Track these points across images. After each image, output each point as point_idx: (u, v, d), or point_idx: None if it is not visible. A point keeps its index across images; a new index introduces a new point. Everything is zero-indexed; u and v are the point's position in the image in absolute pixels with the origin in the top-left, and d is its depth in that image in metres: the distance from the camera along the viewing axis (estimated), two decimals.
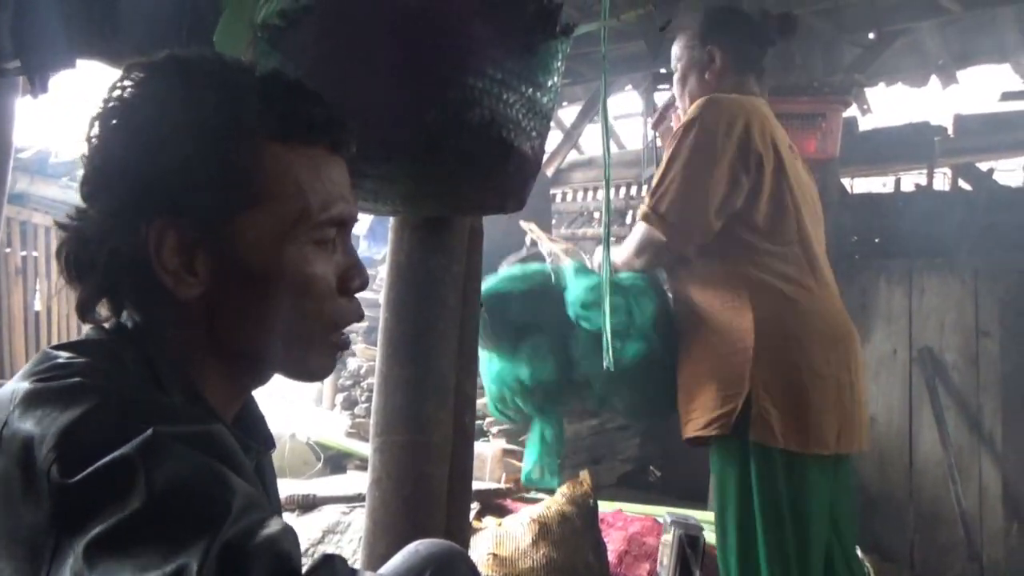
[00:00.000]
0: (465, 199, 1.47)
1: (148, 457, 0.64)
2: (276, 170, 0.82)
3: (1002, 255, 4.06)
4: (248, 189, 0.81)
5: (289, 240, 0.82)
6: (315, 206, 0.84)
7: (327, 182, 0.85)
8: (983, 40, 4.93)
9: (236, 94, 0.82)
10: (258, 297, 0.83)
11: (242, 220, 0.81)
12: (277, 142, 0.82)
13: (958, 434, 4.09)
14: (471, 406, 1.73)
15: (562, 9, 1.42)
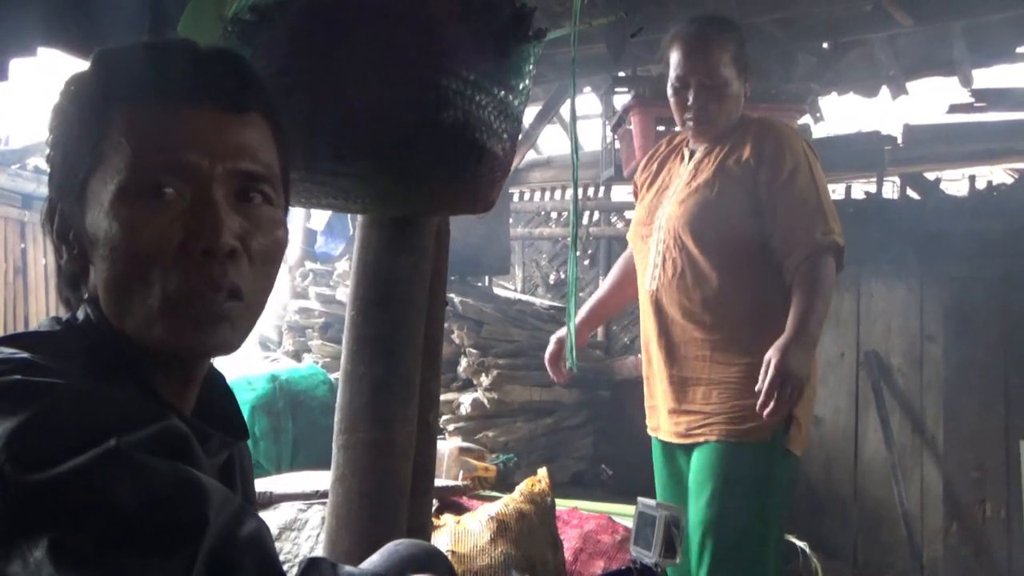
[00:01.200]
0: (436, 199, 1.48)
1: (109, 470, 0.63)
2: (120, 131, 0.78)
3: (946, 263, 4.19)
4: (92, 153, 0.79)
5: (118, 195, 0.77)
6: (144, 155, 0.77)
7: (171, 132, 0.78)
8: (933, 53, 5.06)
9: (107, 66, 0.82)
10: (113, 266, 0.78)
11: (89, 184, 0.79)
12: (127, 104, 0.79)
13: (902, 435, 4.21)
14: (435, 404, 1.75)
15: (534, 13, 1.44)
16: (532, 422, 4.36)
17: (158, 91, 0.80)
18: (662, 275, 2.17)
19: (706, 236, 2.11)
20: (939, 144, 5.03)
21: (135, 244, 0.77)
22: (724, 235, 2.10)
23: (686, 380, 2.15)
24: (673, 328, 2.17)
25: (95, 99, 0.81)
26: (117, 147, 0.78)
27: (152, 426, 0.67)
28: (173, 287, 0.77)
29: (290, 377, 3.74)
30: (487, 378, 4.12)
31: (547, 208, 6.19)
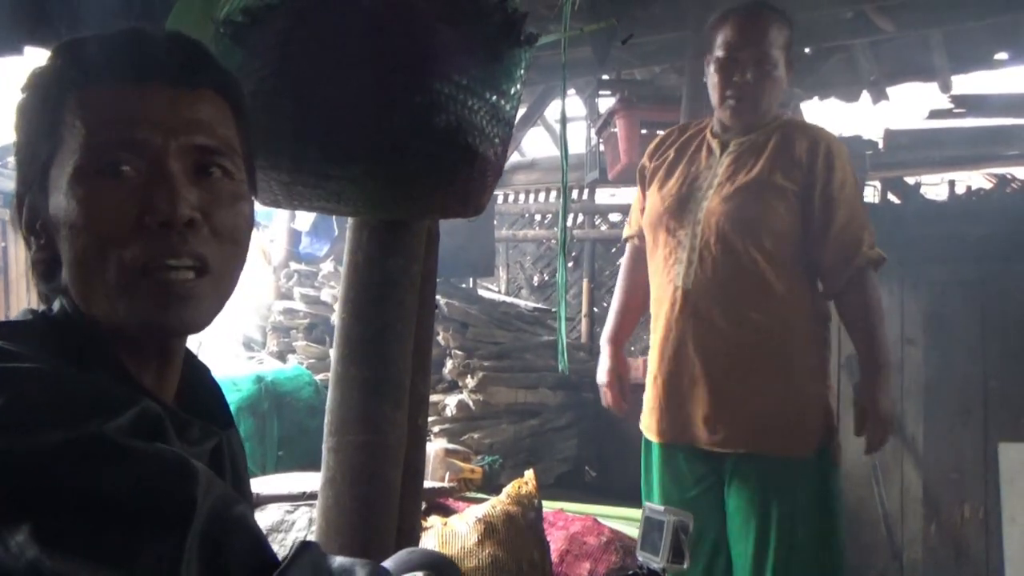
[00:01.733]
0: (427, 203, 1.48)
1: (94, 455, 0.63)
2: (75, 113, 0.79)
3: (927, 267, 4.23)
4: (51, 140, 0.80)
5: (75, 176, 0.78)
6: (98, 134, 0.78)
7: (123, 110, 0.79)
8: (913, 59, 5.12)
9: (63, 55, 0.83)
10: (71, 246, 0.78)
11: (50, 172, 0.80)
12: (80, 88, 0.80)
13: None
14: (424, 406, 1.75)
15: (526, 18, 1.45)
16: (517, 424, 4.38)
17: (109, 72, 0.80)
18: (699, 272, 2.06)
19: (756, 237, 2.04)
20: (919, 149, 5.09)
21: (94, 222, 0.77)
22: (774, 237, 2.04)
23: (730, 386, 2.05)
24: (713, 330, 2.06)
25: (51, 87, 0.82)
26: (72, 129, 0.79)
27: (130, 409, 0.68)
28: (131, 260, 0.77)
29: (275, 378, 3.73)
30: (472, 380, 4.13)
31: (531, 210, 6.21)
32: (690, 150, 2.21)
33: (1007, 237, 4.17)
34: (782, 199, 2.04)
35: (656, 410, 2.16)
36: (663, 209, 2.16)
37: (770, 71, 2.06)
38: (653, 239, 2.20)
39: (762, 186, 2.04)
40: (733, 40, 2.07)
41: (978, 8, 4.23)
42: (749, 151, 2.10)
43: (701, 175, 2.14)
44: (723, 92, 2.09)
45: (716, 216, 2.06)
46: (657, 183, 2.22)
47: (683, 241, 2.10)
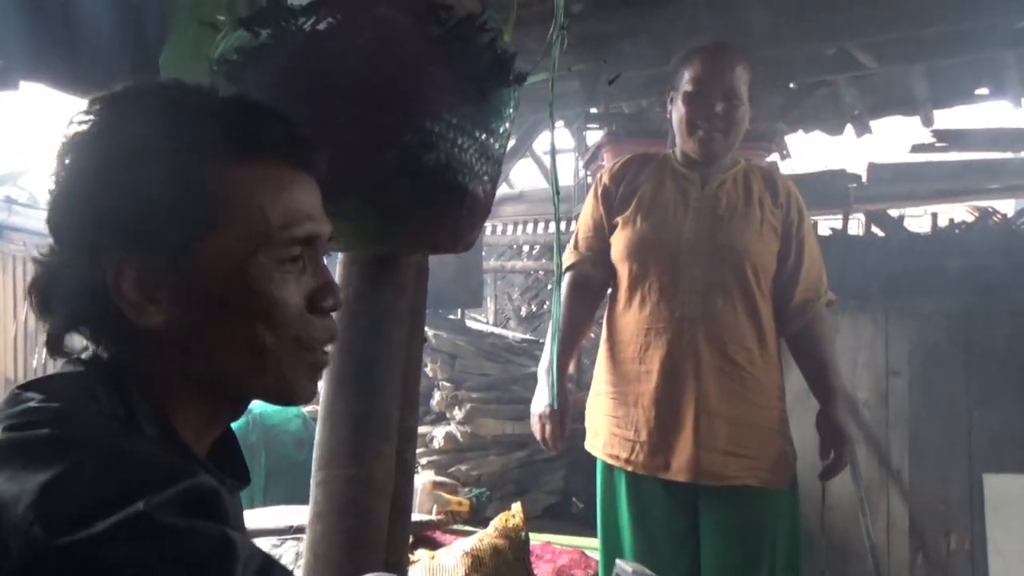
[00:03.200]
0: (417, 239, 1.50)
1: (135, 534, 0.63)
2: (234, 193, 0.81)
3: (911, 298, 4.27)
4: (205, 214, 0.80)
5: (251, 263, 0.81)
6: (276, 226, 0.83)
7: (288, 200, 0.84)
8: (895, 93, 5.20)
9: (189, 118, 0.82)
10: (226, 323, 0.81)
11: (202, 246, 0.80)
12: (234, 163, 0.81)
13: (868, 469, 4.26)
14: (413, 439, 1.76)
15: (515, 58, 1.48)
16: (505, 455, 4.37)
17: (257, 150, 0.83)
18: (707, 305, 2.10)
19: (755, 270, 2.12)
20: (902, 182, 5.16)
21: (272, 305, 0.82)
22: (766, 272, 2.15)
23: (725, 419, 2.08)
24: (715, 361, 2.09)
25: (185, 155, 0.81)
26: (240, 216, 0.82)
27: (180, 484, 0.68)
28: (303, 341, 0.85)
29: (263, 411, 3.72)
30: (460, 412, 4.13)
31: (519, 241, 6.24)
32: (664, 182, 2.23)
33: (989, 269, 4.22)
34: (773, 237, 2.15)
35: (635, 441, 2.14)
36: (656, 240, 2.16)
37: (737, 105, 2.14)
38: (639, 268, 2.19)
39: (759, 223, 2.14)
40: (702, 75, 2.14)
41: (958, 44, 4.30)
42: (734, 186, 2.18)
43: (691, 208, 2.17)
44: (692, 123, 2.15)
45: (721, 250, 2.11)
46: (637, 213, 2.21)
47: (686, 272, 2.11)
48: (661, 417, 2.11)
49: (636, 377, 2.15)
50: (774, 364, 2.15)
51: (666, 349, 2.12)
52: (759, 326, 2.11)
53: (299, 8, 1.47)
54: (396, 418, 1.63)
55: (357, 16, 1.43)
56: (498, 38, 1.45)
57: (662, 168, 2.26)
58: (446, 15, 1.44)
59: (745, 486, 2.06)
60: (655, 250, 2.16)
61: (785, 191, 2.20)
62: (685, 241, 2.13)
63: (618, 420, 2.17)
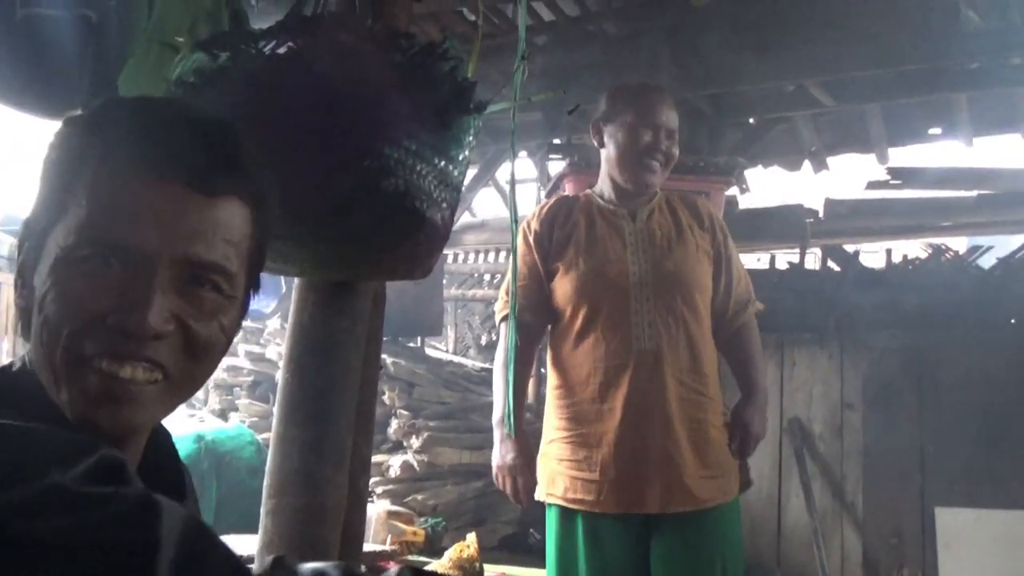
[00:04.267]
0: (374, 265, 1.49)
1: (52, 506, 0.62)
2: (86, 190, 0.77)
3: (865, 332, 4.33)
4: (58, 206, 0.78)
5: (64, 253, 0.76)
6: (99, 224, 0.77)
7: (130, 205, 0.77)
8: (852, 131, 5.32)
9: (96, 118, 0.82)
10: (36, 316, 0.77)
11: (49, 235, 0.78)
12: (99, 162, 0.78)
13: (823, 501, 4.29)
14: (367, 468, 1.74)
15: (476, 87, 1.48)
16: (462, 485, 4.34)
17: (130, 156, 0.78)
18: (662, 335, 2.11)
19: (702, 296, 2.18)
20: (858, 218, 5.25)
21: (65, 302, 0.75)
22: (706, 296, 2.21)
23: (692, 443, 2.10)
24: (673, 388, 2.10)
25: (74, 150, 0.80)
26: (77, 206, 0.77)
27: (91, 456, 0.66)
28: (86, 349, 0.76)
29: (216, 437, 3.66)
30: (417, 440, 4.10)
31: (481, 270, 6.24)
32: (595, 221, 2.25)
33: (942, 305, 4.30)
34: (708, 260, 2.22)
35: (602, 481, 2.09)
36: (604, 279, 2.16)
37: (673, 144, 2.21)
38: (591, 308, 2.17)
39: (695, 248, 2.21)
40: (650, 112, 2.19)
41: (912, 86, 4.42)
42: (663, 216, 2.24)
43: (628, 242, 2.20)
44: (639, 155, 2.18)
45: (667, 279, 2.14)
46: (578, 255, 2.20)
47: (636, 306, 2.13)
48: (629, 453, 2.07)
49: (597, 417, 2.11)
50: (717, 379, 2.22)
51: (629, 384, 2.09)
52: (705, 347, 2.18)
53: (259, 32, 1.46)
54: (349, 446, 1.61)
55: (318, 42, 1.42)
56: (459, 67, 1.45)
57: (588, 209, 2.27)
58: (407, 43, 1.44)
59: (718, 505, 2.11)
60: (605, 288, 2.15)
61: (707, 214, 2.28)
62: (632, 275, 2.15)
63: (578, 463, 2.12)
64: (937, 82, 4.40)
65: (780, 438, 4.40)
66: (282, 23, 1.49)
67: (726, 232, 2.29)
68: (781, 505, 4.38)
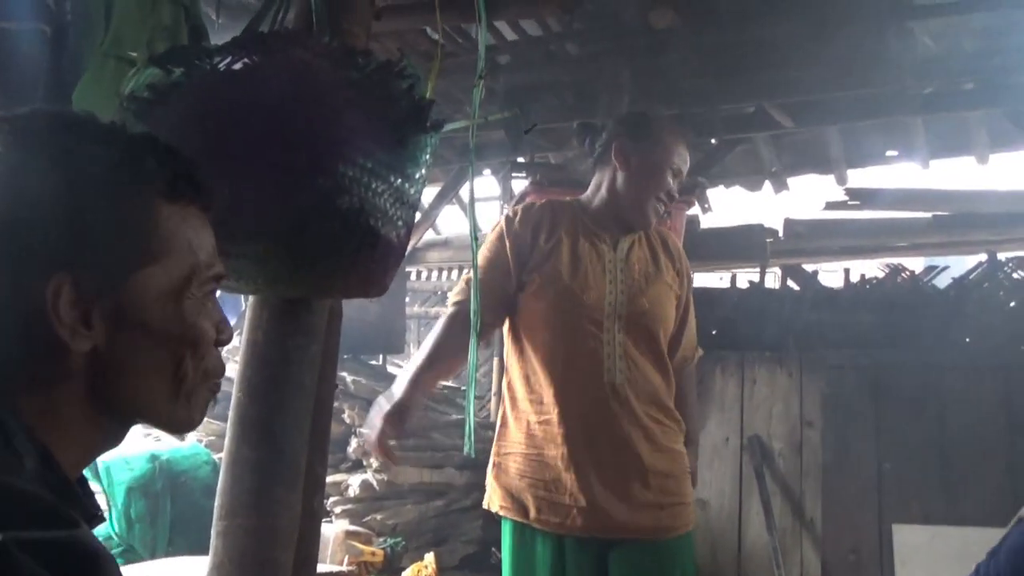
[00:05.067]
0: (329, 283, 1.48)
1: None
2: (169, 228, 0.85)
3: (824, 351, 4.38)
4: (146, 247, 0.83)
5: (185, 295, 0.86)
6: (203, 263, 0.88)
7: (207, 240, 0.90)
8: (812, 152, 5.40)
9: (129, 151, 0.84)
10: (154, 350, 0.84)
11: (140, 276, 0.83)
12: (167, 201, 0.85)
13: (783, 519, 4.32)
14: (321, 488, 1.72)
15: (433, 106, 1.48)
16: (422, 504, 4.31)
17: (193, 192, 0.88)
18: (632, 369, 2.13)
19: (664, 333, 2.22)
20: (816, 238, 5.32)
21: (200, 336, 0.87)
22: (669, 330, 2.25)
23: (658, 473, 2.13)
24: (641, 421, 2.12)
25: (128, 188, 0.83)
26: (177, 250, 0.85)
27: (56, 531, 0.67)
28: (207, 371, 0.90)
29: (171, 457, 3.60)
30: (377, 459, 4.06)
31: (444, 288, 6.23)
32: (579, 239, 2.20)
33: (898, 324, 4.37)
34: (675, 301, 2.26)
35: (572, 506, 2.09)
36: (583, 305, 2.14)
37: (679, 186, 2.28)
38: (565, 331, 2.15)
39: (667, 288, 2.24)
40: (677, 155, 2.22)
41: (869, 109, 4.49)
42: (642, 250, 2.25)
43: (608, 271, 2.18)
44: (654, 197, 2.19)
45: (640, 316, 2.16)
46: (561, 273, 2.16)
47: (609, 337, 2.13)
48: (601, 482, 2.08)
49: (566, 442, 2.10)
50: (678, 417, 2.25)
51: (600, 416, 2.10)
52: (667, 380, 2.22)
53: (215, 48, 1.45)
54: (303, 465, 1.59)
55: (273, 58, 1.42)
56: (416, 85, 1.45)
57: (575, 222, 2.23)
58: (364, 60, 1.44)
59: (678, 535, 2.14)
60: (580, 314, 2.13)
61: (678, 256, 2.31)
62: (607, 306, 2.14)
63: (545, 484, 2.12)
64: (894, 106, 4.47)
65: (741, 456, 4.43)
66: (238, 39, 1.48)
67: (691, 277, 2.35)
68: (742, 522, 4.40)
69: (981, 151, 4.97)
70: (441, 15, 2.53)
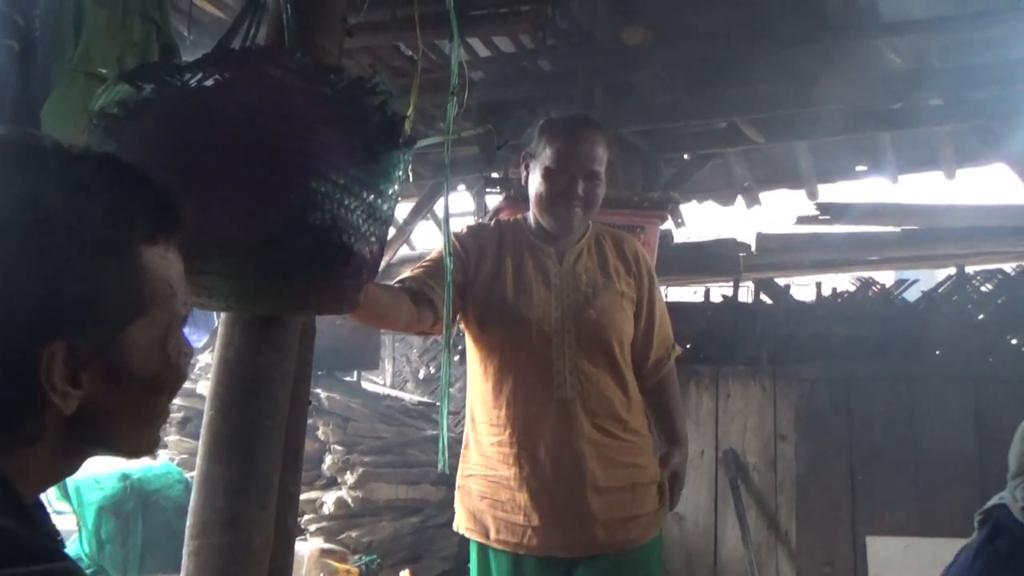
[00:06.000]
0: (301, 300, 1.48)
1: None
2: (152, 273, 0.82)
3: (797, 364, 4.42)
4: (134, 301, 0.81)
5: (168, 340, 0.86)
6: (181, 300, 0.88)
7: (180, 271, 0.89)
8: (783, 167, 5.46)
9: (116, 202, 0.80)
10: (139, 394, 0.84)
11: (130, 331, 0.81)
12: (149, 245, 0.82)
13: (758, 532, 4.33)
14: (294, 506, 1.70)
15: (405, 121, 1.48)
16: (398, 521, 4.28)
17: (168, 230, 0.86)
18: (582, 383, 2.09)
19: (620, 343, 2.15)
20: (788, 252, 5.37)
21: (179, 376, 0.88)
22: (627, 341, 2.19)
23: (615, 489, 2.09)
24: (593, 437, 2.08)
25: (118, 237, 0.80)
26: (160, 297, 0.84)
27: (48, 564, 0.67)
28: (168, 403, 0.91)
29: (142, 476, 3.56)
30: (352, 476, 4.04)
31: None
32: (523, 255, 2.19)
33: (870, 337, 4.41)
34: (631, 306, 2.21)
35: (527, 526, 2.08)
36: (527, 322, 2.11)
37: (597, 185, 2.14)
38: (512, 351, 2.13)
39: (619, 296, 2.18)
40: (565, 154, 2.11)
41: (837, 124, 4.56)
42: (590, 258, 2.20)
43: (553, 284, 2.15)
44: (552, 200, 2.12)
45: (589, 327, 2.11)
46: (504, 293, 2.14)
47: (558, 352, 2.10)
48: (550, 500, 2.07)
49: (516, 462, 2.09)
50: (642, 420, 2.21)
51: (550, 433, 2.08)
52: (626, 392, 2.17)
53: (185, 65, 1.45)
54: (276, 484, 1.58)
55: (245, 74, 1.41)
56: (388, 101, 1.45)
57: (517, 238, 2.21)
58: (336, 76, 1.44)
59: (640, 544, 2.11)
60: (526, 332, 2.10)
61: (634, 257, 2.25)
62: (555, 321, 2.10)
63: (502, 504, 2.11)
64: (862, 121, 4.54)
65: (716, 470, 4.44)
66: (209, 56, 1.48)
67: (652, 276, 2.27)
68: (718, 536, 4.41)
69: (948, 166, 5.06)
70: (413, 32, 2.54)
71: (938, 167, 5.12)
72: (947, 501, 4.01)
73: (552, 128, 2.16)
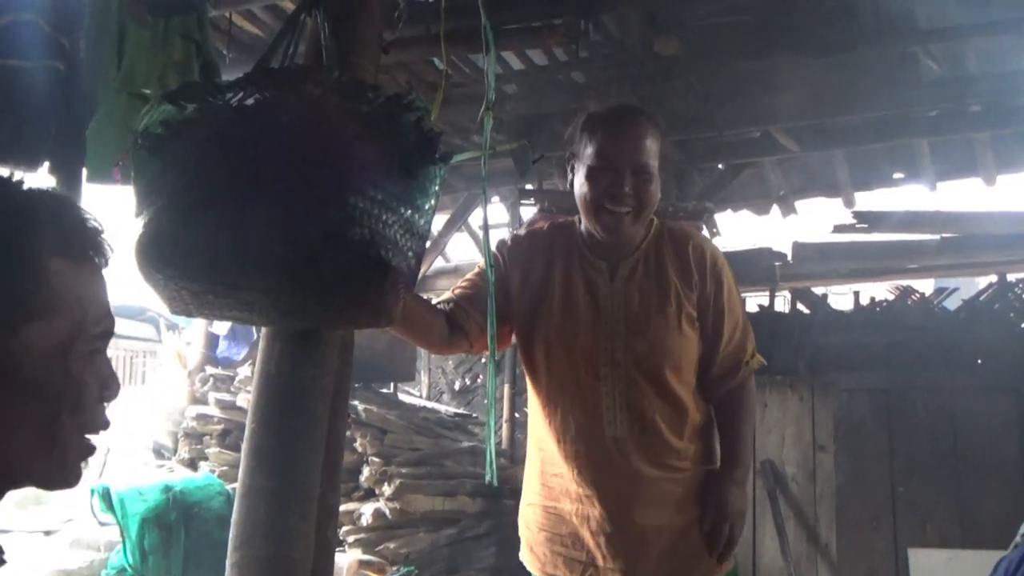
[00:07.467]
0: (340, 314, 1.50)
1: None
2: (59, 284, 0.84)
3: (835, 374, 4.37)
4: (32, 303, 0.82)
5: (71, 352, 0.85)
6: (90, 320, 0.87)
7: (99, 296, 0.89)
8: (819, 176, 5.42)
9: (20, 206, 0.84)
10: (31, 404, 0.83)
11: (24, 331, 0.82)
12: (59, 256, 0.84)
13: (797, 544, 4.29)
14: (334, 518, 1.72)
15: (441, 137, 1.50)
16: (435, 532, 4.29)
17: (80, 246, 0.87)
18: (631, 420, 1.91)
19: (677, 370, 1.93)
20: (825, 261, 5.32)
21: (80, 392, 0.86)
22: (690, 365, 1.95)
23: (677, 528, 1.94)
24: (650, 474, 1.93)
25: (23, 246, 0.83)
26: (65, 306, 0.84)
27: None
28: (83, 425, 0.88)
29: (184, 488, 3.61)
30: (389, 487, 4.06)
31: None
32: (573, 268, 2.00)
33: (909, 346, 4.35)
34: (691, 326, 1.96)
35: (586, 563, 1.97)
36: (574, 351, 1.95)
37: (648, 180, 1.89)
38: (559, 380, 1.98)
39: (676, 317, 1.94)
40: (609, 148, 1.88)
41: (874, 132, 4.52)
42: (644, 274, 1.97)
43: (602, 307, 1.96)
44: (598, 203, 1.89)
45: (641, 360, 1.92)
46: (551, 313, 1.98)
47: (607, 386, 1.93)
48: (610, 538, 1.94)
49: (577, 498, 1.97)
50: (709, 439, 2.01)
51: (605, 474, 1.93)
52: (683, 420, 1.95)
53: (226, 84, 1.48)
54: (316, 496, 1.60)
55: (285, 93, 1.44)
56: (424, 117, 1.47)
57: (568, 247, 2.02)
58: (373, 94, 1.46)
59: None
60: (577, 363, 1.95)
61: (698, 259, 1.97)
62: (604, 352, 1.92)
63: (561, 538, 2.00)
64: (900, 129, 4.50)
65: (754, 481, 4.40)
66: (249, 75, 1.51)
67: (721, 280, 1.98)
68: (756, 548, 4.37)
69: (988, 172, 4.99)
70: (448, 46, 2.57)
71: (977, 174, 5.05)
72: (990, 512, 3.95)
73: (594, 122, 1.94)
